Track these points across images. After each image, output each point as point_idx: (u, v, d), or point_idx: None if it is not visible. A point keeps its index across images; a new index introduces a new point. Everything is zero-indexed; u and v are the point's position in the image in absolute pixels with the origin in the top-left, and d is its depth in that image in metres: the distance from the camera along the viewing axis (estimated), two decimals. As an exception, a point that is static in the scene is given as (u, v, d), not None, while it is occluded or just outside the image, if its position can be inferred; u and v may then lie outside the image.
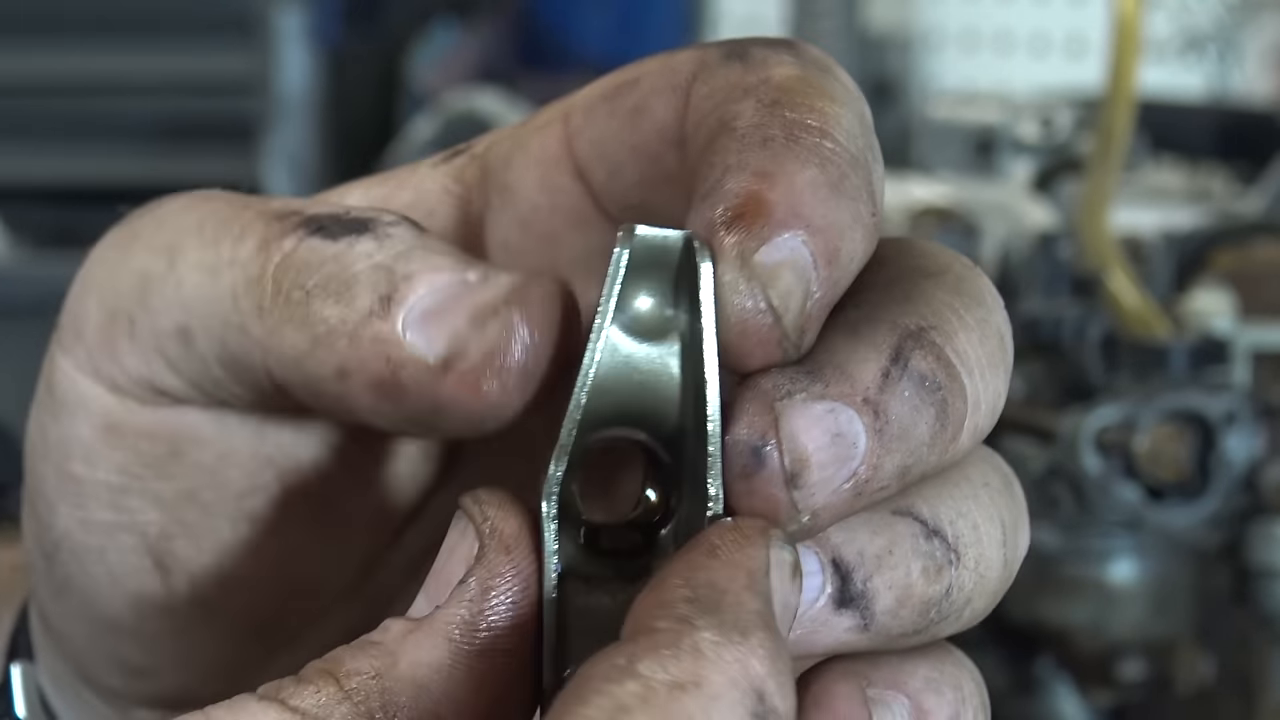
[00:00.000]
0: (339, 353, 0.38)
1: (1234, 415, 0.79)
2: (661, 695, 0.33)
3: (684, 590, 0.34)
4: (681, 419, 0.37)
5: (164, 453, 0.41)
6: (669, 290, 0.37)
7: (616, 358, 0.37)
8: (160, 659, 0.44)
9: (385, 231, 0.39)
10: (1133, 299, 0.85)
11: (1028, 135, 0.96)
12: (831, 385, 0.35)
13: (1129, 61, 0.88)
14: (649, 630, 0.33)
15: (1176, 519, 0.80)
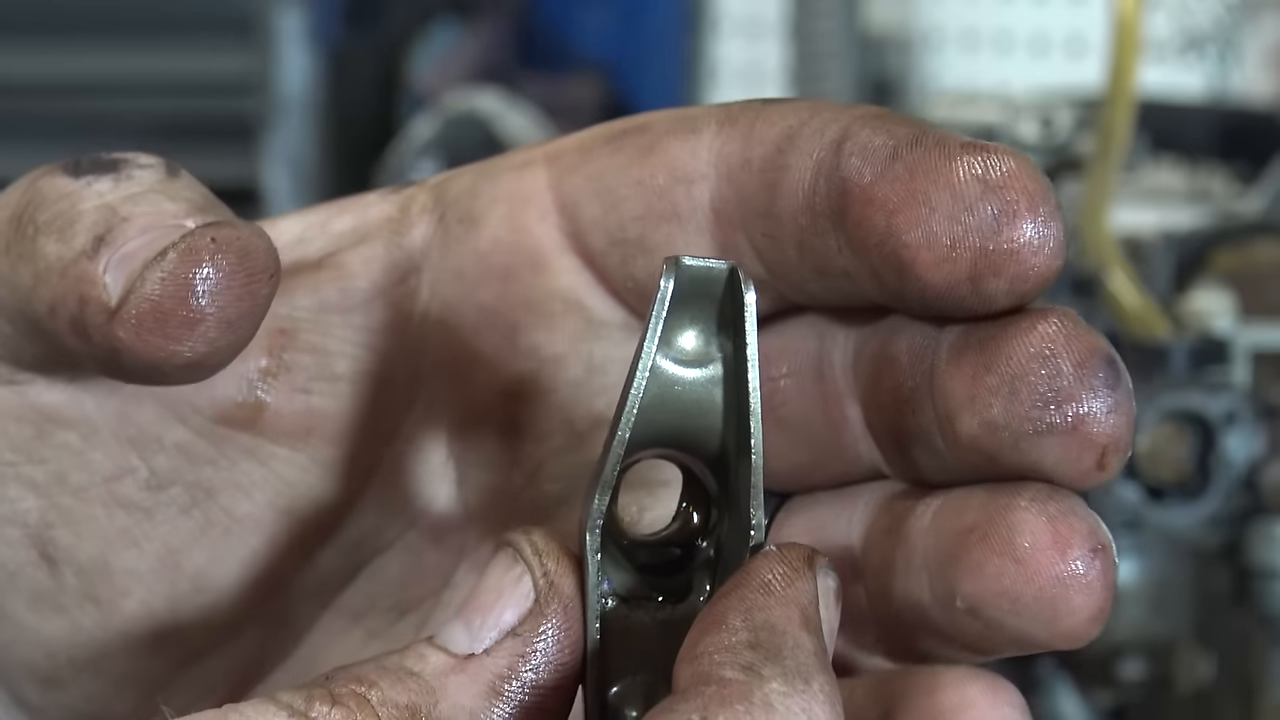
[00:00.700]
0: (51, 289, 0.38)
1: (1234, 415, 0.79)
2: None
3: (745, 634, 0.34)
4: (723, 443, 0.37)
5: (30, 434, 0.41)
6: (713, 319, 0.37)
7: (660, 385, 0.37)
8: (65, 666, 0.43)
9: (129, 173, 0.40)
10: (1133, 299, 0.85)
11: (1028, 135, 0.96)
12: None
13: (1129, 61, 0.88)
14: (718, 680, 0.33)
15: (1176, 519, 0.80)
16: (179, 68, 2.12)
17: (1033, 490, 0.35)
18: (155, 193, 0.39)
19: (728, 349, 0.37)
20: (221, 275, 0.37)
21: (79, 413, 0.42)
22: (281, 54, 2.10)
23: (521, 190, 0.40)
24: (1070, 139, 0.96)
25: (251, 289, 0.38)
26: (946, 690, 0.37)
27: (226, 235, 0.37)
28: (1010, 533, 0.35)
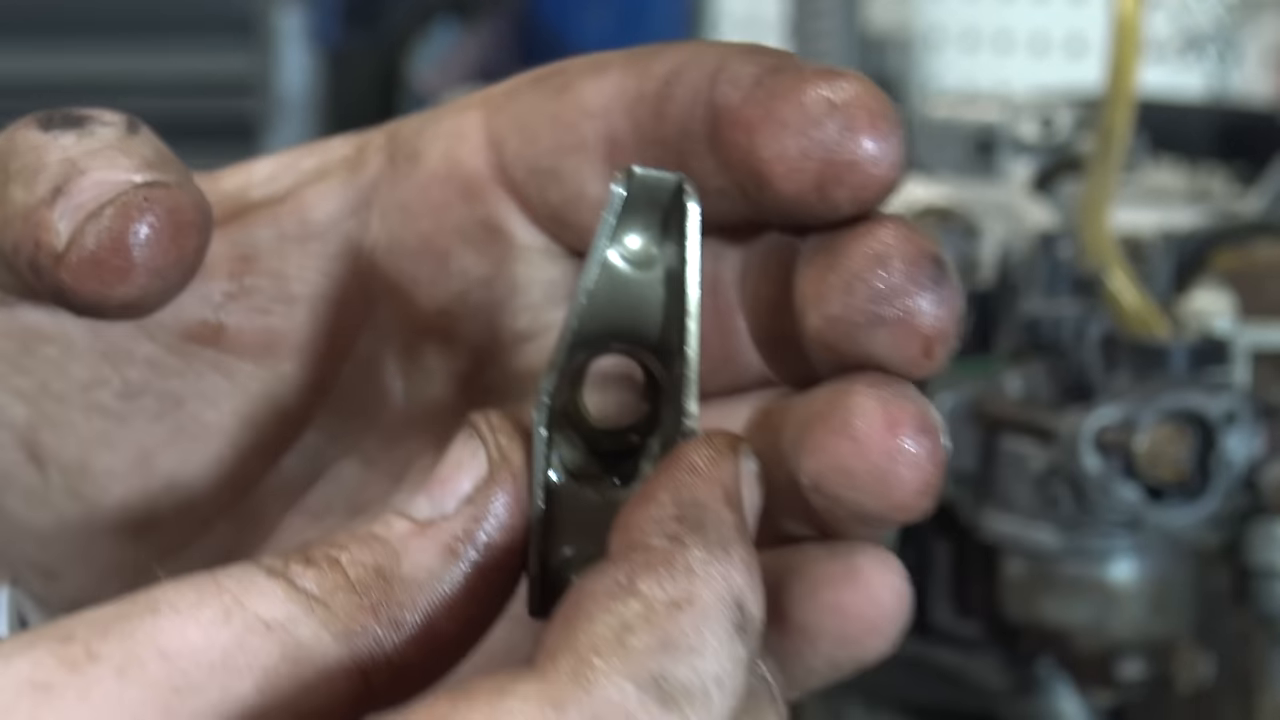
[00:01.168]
0: (15, 231, 0.43)
1: (1234, 415, 0.79)
2: (661, 614, 0.37)
3: (672, 509, 0.38)
4: (665, 339, 0.41)
5: (16, 349, 0.47)
6: (658, 226, 0.41)
7: (611, 281, 0.41)
8: (59, 558, 0.48)
9: (91, 129, 0.45)
10: (1133, 299, 0.85)
11: (1028, 135, 0.96)
12: None
13: (1129, 61, 0.88)
14: (645, 547, 0.38)
15: (1176, 519, 0.80)
16: (179, 68, 2.12)
17: (869, 378, 0.40)
18: (112, 149, 0.44)
19: (671, 253, 0.41)
20: (151, 230, 0.43)
21: (58, 330, 0.47)
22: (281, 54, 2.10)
23: (459, 129, 0.46)
24: (1070, 139, 0.96)
25: (179, 242, 0.43)
26: (836, 560, 0.41)
27: (159, 194, 0.43)
28: (847, 414, 0.39)
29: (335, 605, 0.39)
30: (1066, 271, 0.84)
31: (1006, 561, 0.83)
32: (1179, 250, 0.99)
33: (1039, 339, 0.82)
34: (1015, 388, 0.84)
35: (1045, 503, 0.80)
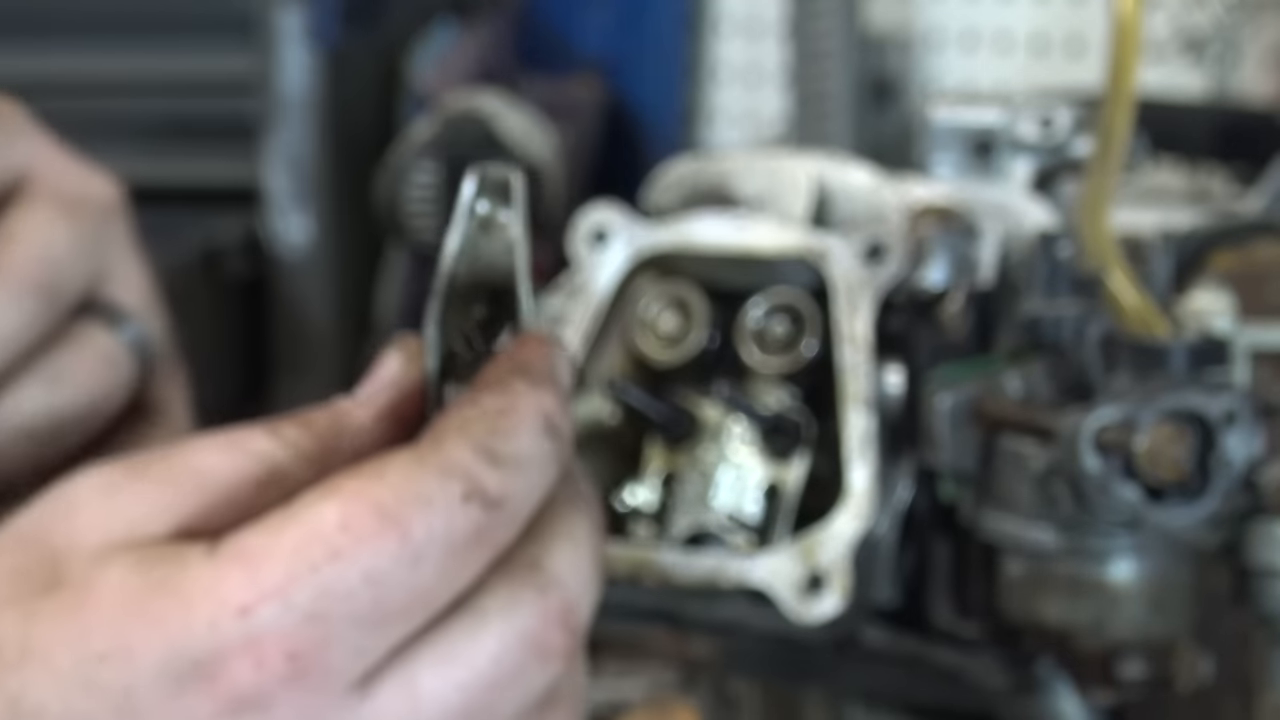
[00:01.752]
0: None
1: (1234, 415, 0.79)
2: (492, 415, 0.61)
3: (510, 363, 0.63)
4: (506, 278, 0.66)
5: None
6: (500, 202, 0.66)
7: (472, 242, 0.66)
8: None
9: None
10: (1132, 299, 0.85)
11: (1028, 135, 0.96)
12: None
13: (1129, 62, 0.88)
14: (488, 382, 0.62)
15: (1176, 519, 0.80)
16: (179, 68, 2.12)
17: None
18: None
19: (507, 218, 0.66)
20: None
21: None
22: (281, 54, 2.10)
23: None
24: (1070, 139, 0.96)
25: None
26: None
27: None
28: None
29: (302, 443, 0.62)
30: (1066, 271, 0.84)
31: (1006, 561, 0.83)
32: (1179, 250, 0.99)
33: (1039, 339, 0.82)
34: (1015, 388, 0.84)
35: (1045, 502, 0.80)
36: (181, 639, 0.56)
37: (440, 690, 0.58)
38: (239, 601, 0.56)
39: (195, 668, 0.56)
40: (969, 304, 0.88)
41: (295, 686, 0.56)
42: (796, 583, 0.85)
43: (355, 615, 0.57)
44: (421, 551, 0.57)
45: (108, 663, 0.56)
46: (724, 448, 0.91)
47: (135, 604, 0.56)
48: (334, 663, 0.57)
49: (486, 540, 0.59)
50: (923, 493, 0.88)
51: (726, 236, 0.90)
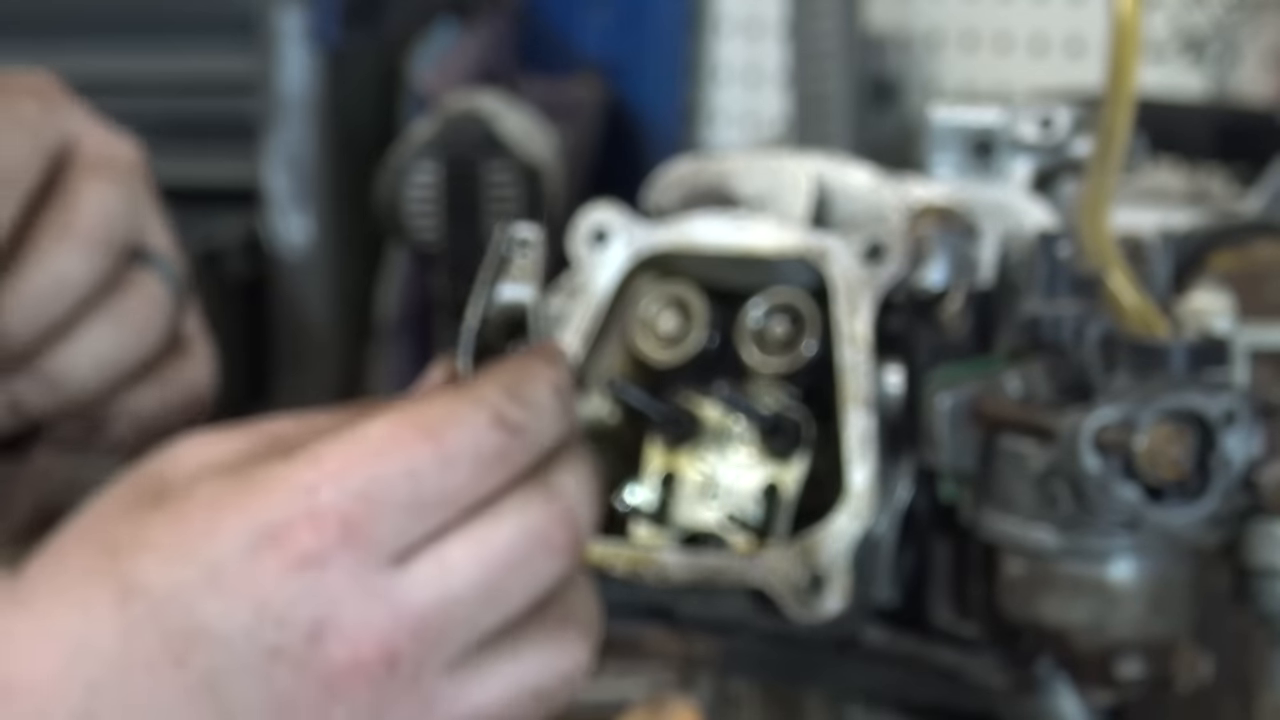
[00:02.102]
0: None
1: (1233, 415, 0.80)
2: (514, 370, 0.75)
3: (526, 352, 0.77)
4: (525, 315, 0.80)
5: None
6: (524, 253, 0.81)
7: (498, 286, 0.80)
8: None
9: None
10: (1132, 299, 0.85)
11: (1027, 135, 0.96)
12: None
13: (1129, 62, 0.88)
14: (504, 364, 0.76)
15: (1176, 519, 0.80)
16: (179, 68, 2.12)
17: None
18: None
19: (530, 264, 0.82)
20: None
21: None
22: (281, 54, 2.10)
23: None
24: (1069, 139, 0.96)
25: None
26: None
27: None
28: None
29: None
30: (1066, 271, 0.84)
31: (1006, 561, 0.83)
32: (1178, 250, 0.99)
33: (1038, 339, 0.82)
34: (1014, 388, 0.84)
35: (1045, 502, 0.80)
36: (258, 514, 0.70)
37: (464, 565, 0.73)
38: (305, 483, 0.71)
39: (267, 535, 0.70)
40: (969, 304, 0.88)
41: (346, 550, 0.71)
42: (796, 582, 0.85)
43: (397, 501, 0.71)
44: (453, 458, 0.72)
45: (200, 540, 0.70)
46: (724, 448, 0.91)
47: (223, 495, 0.71)
48: (378, 535, 0.71)
49: (507, 459, 0.73)
50: (922, 493, 0.88)
51: (726, 236, 0.90)
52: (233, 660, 0.70)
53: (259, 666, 0.71)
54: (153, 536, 0.71)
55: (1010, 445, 0.82)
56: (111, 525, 0.72)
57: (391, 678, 0.72)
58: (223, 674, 0.70)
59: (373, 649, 0.72)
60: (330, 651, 0.71)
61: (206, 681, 0.70)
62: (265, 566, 0.70)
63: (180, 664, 0.70)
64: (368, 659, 0.71)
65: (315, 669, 0.71)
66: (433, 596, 0.73)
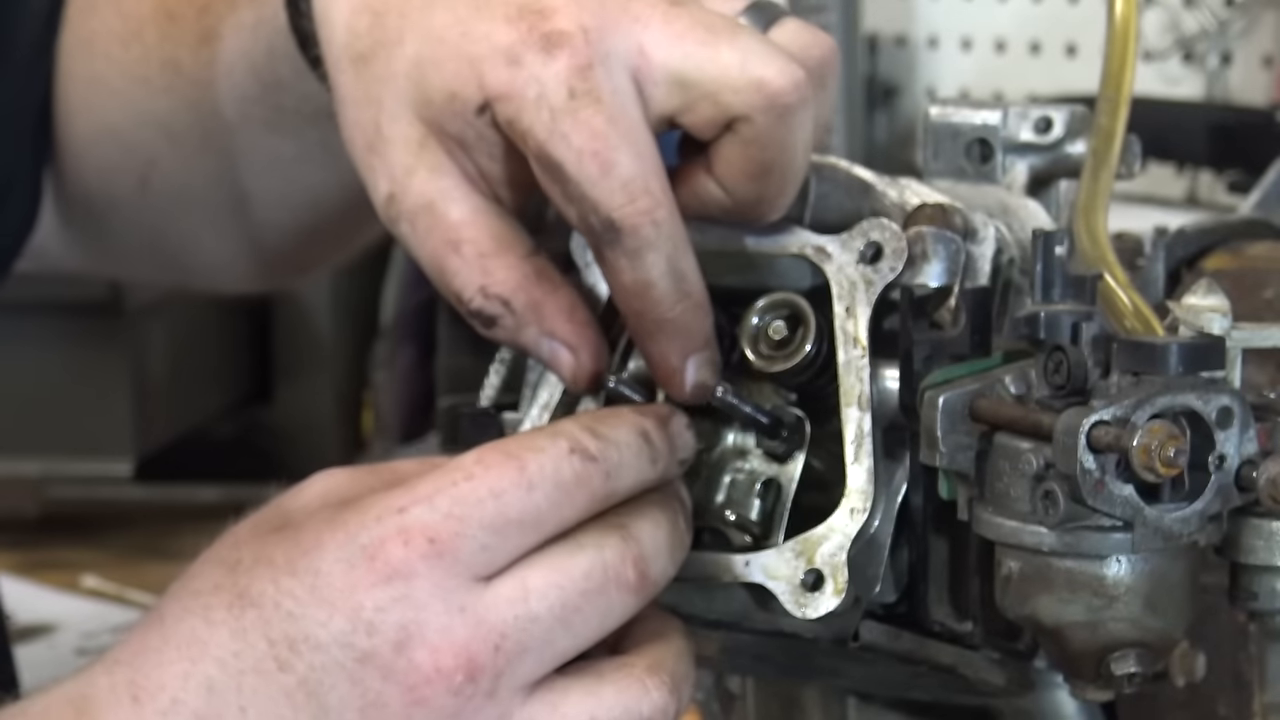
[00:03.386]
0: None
1: (1229, 414, 0.80)
2: (598, 415, 0.86)
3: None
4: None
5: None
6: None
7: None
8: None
9: None
10: (1128, 299, 0.86)
11: (1025, 137, 0.97)
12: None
13: (1125, 64, 0.89)
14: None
15: (1172, 517, 0.80)
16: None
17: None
18: None
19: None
20: None
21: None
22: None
23: None
24: (1066, 140, 0.97)
25: None
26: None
27: None
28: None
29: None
30: (1063, 272, 0.85)
31: (1003, 559, 0.84)
32: (1174, 250, 0.99)
33: (1035, 338, 0.83)
34: (1011, 387, 0.84)
35: (1041, 501, 0.81)
36: (356, 533, 0.77)
37: (544, 588, 0.78)
38: (397, 505, 0.78)
39: (362, 550, 0.77)
40: (966, 304, 0.88)
41: (432, 564, 0.77)
42: (795, 580, 0.86)
43: (482, 520, 0.77)
44: (534, 481, 0.78)
45: (307, 557, 0.77)
46: (724, 447, 0.92)
47: (332, 519, 0.78)
48: (464, 552, 0.77)
49: (584, 485, 0.79)
50: (920, 491, 0.88)
51: (726, 237, 0.91)
52: (329, 664, 0.77)
53: (352, 670, 0.77)
54: (268, 554, 0.79)
55: (1007, 444, 0.82)
56: (237, 548, 0.80)
57: (471, 687, 0.77)
58: (320, 677, 0.77)
59: (454, 658, 0.77)
60: (415, 658, 0.77)
61: (306, 684, 0.77)
62: (360, 578, 0.77)
63: (284, 668, 0.77)
64: (448, 667, 0.77)
65: (401, 675, 0.77)
66: (513, 615, 0.78)
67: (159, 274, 1.40)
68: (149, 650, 0.78)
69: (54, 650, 2.10)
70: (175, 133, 1.20)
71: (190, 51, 1.16)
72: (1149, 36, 2.04)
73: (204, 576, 0.80)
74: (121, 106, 1.21)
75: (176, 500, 2.55)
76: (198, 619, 0.78)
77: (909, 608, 0.90)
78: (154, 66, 1.18)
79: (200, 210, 1.24)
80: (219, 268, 1.32)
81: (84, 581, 2.29)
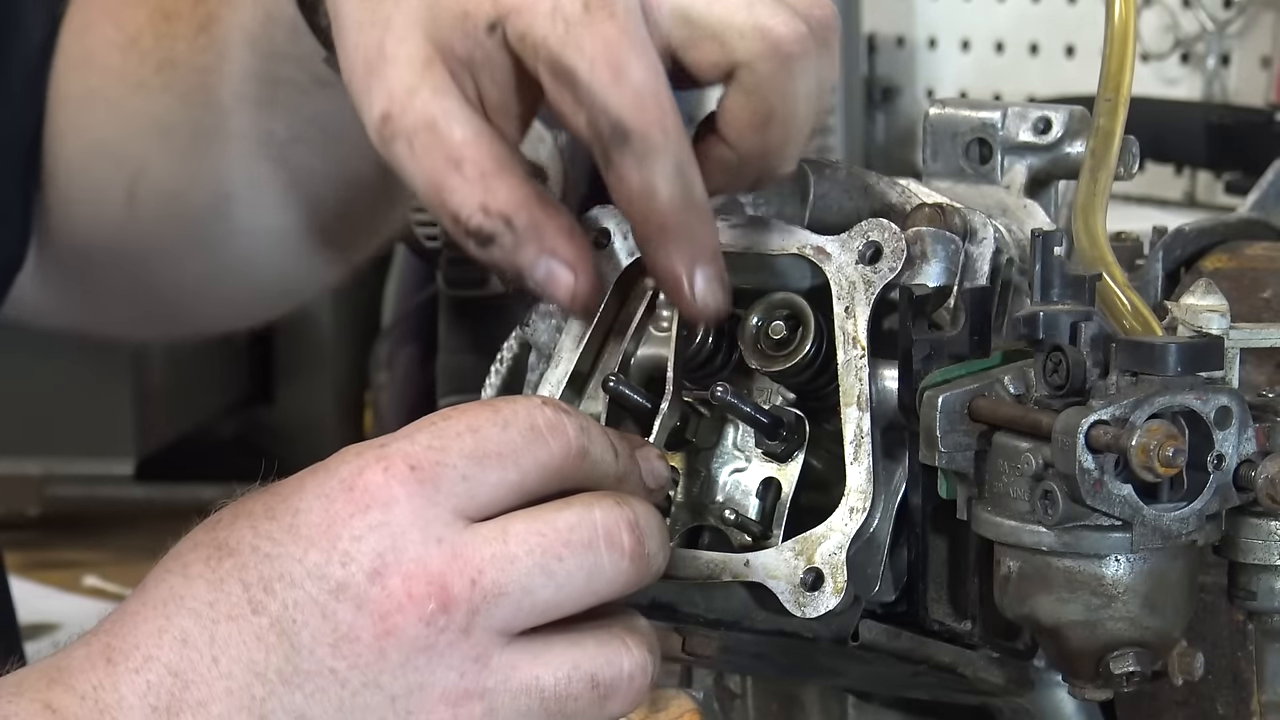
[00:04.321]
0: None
1: (1227, 414, 0.80)
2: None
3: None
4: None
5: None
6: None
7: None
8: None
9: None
10: (1127, 299, 0.86)
11: (1024, 137, 0.97)
12: None
13: (1124, 64, 0.89)
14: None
15: (1170, 517, 0.80)
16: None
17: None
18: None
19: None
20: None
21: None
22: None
23: None
24: (1065, 141, 0.97)
25: None
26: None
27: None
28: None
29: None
30: (1062, 272, 0.85)
31: (1002, 559, 0.84)
32: (1172, 250, 0.99)
33: (1034, 338, 0.83)
34: (1010, 387, 0.84)
35: (1040, 501, 0.81)
36: (335, 467, 0.78)
37: (524, 533, 0.78)
38: (379, 442, 0.78)
39: (341, 483, 0.77)
40: (966, 304, 0.88)
41: (413, 491, 0.77)
42: (795, 580, 0.86)
43: (461, 449, 0.78)
44: (508, 420, 0.79)
45: (286, 500, 0.78)
46: (724, 446, 0.92)
47: (311, 469, 0.79)
48: (444, 480, 0.77)
49: (558, 432, 0.79)
50: (920, 491, 0.89)
51: (725, 238, 0.91)
52: (302, 600, 0.76)
53: (324, 604, 0.76)
54: (248, 507, 0.79)
55: (1006, 444, 0.83)
56: (221, 514, 0.81)
57: (444, 618, 0.76)
58: (292, 614, 0.76)
59: (426, 585, 0.76)
60: (388, 585, 0.76)
61: (279, 624, 0.76)
62: (338, 510, 0.77)
63: (257, 610, 0.77)
64: (420, 594, 0.76)
65: (374, 604, 0.76)
66: (490, 552, 0.78)
67: (139, 319, 1.39)
68: (127, 614, 0.79)
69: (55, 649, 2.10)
70: (168, 128, 1.20)
71: (187, 44, 1.17)
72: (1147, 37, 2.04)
73: (187, 539, 0.81)
74: (115, 117, 1.21)
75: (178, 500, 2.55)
76: (176, 577, 0.78)
77: (908, 607, 0.90)
78: (150, 69, 1.19)
79: (186, 226, 1.24)
80: (204, 299, 1.32)
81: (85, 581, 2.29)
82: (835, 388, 0.88)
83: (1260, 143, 1.43)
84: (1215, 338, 0.83)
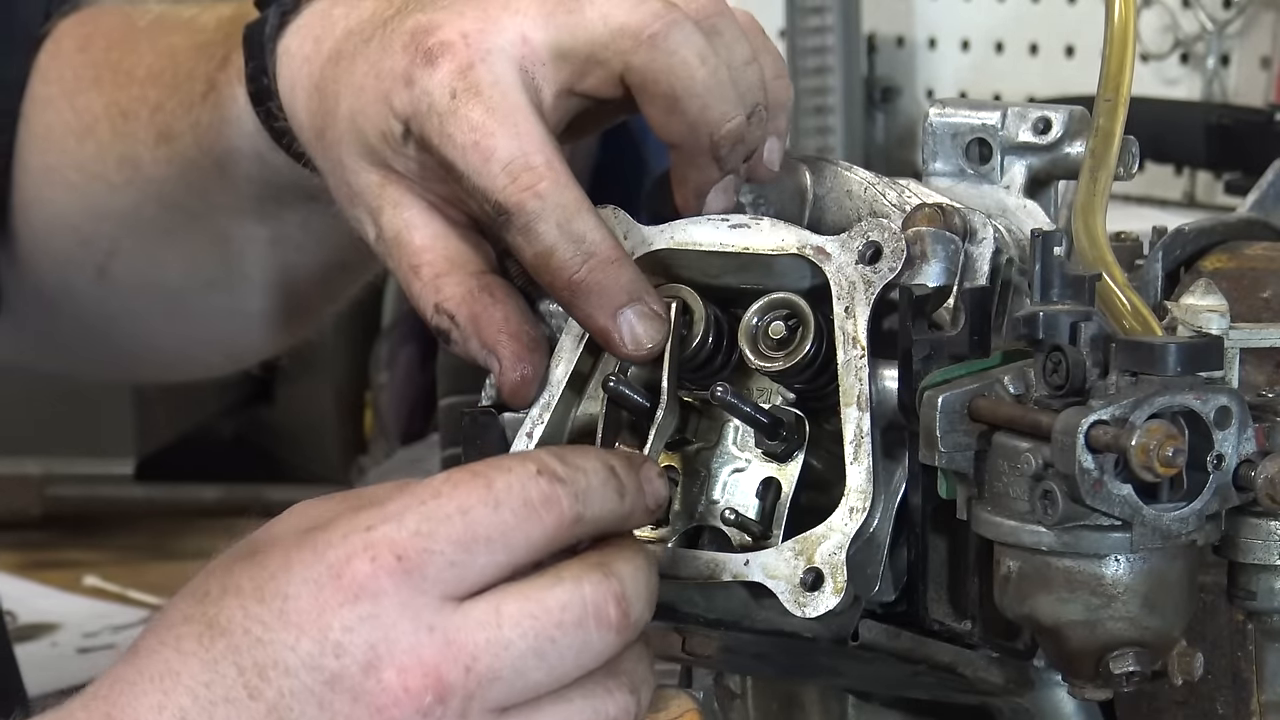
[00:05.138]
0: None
1: (1227, 414, 0.80)
2: (568, 449, 0.87)
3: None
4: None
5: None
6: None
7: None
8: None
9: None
10: (1126, 299, 0.86)
11: (1024, 137, 0.97)
12: None
13: (1124, 65, 0.89)
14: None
15: (1170, 517, 0.80)
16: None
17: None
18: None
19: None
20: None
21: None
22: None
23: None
24: (1065, 141, 0.97)
25: None
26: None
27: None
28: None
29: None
30: (1061, 272, 0.85)
31: (1002, 558, 0.84)
32: (1172, 251, 0.99)
33: (1034, 338, 0.83)
34: (1010, 387, 0.85)
35: (1040, 501, 0.81)
36: (322, 550, 0.77)
37: (518, 615, 0.77)
38: (365, 523, 0.77)
39: (329, 569, 0.76)
40: (965, 304, 0.89)
41: (400, 582, 0.76)
42: (795, 580, 0.86)
43: (449, 536, 0.77)
44: (501, 499, 0.77)
45: (274, 579, 0.77)
46: (724, 446, 0.92)
47: (300, 542, 0.78)
48: (431, 568, 0.76)
49: (551, 506, 0.78)
50: (919, 491, 0.89)
51: (725, 237, 0.91)
52: (298, 689, 0.76)
53: (320, 695, 0.76)
54: (235, 582, 0.78)
55: (1006, 444, 0.83)
56: (207, 579, 0.80)
57: (440, 709, 0.77)
58: (289, 703, 0.77)
59: (422, 678, 0.76)
60: (383, 679, 0.76)
61: (276, 711, 0.77)
62: (327, 599, 0.77)
63: (254, 695, 0.77)
64: (417, 688, 0.76)
65: (370, 696, 0.76)
66: (484, 637, 0.77)
67: (107, 367, 1.40)
68: (124, 683, 0.79)
69: (56, 649, 2.10)
70: (138, 224, 1.20)
71: (148, 150, 1.17)
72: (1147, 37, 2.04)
73: (176, 609, 0.80)
74: (77, 201, 1.21)
75: (178, 500, 2.55)
76: (170, 650, 0.78)
77: (908, 607, 0.90)
78: (110, 163, 1.19)
79: (161, 303, 1.25)
80: (177, 355, 1.32)
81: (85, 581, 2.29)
82: (835, 388, 0.88)
83: (1260, 143, 1.43)
84: (1215, 338, 0.83)
